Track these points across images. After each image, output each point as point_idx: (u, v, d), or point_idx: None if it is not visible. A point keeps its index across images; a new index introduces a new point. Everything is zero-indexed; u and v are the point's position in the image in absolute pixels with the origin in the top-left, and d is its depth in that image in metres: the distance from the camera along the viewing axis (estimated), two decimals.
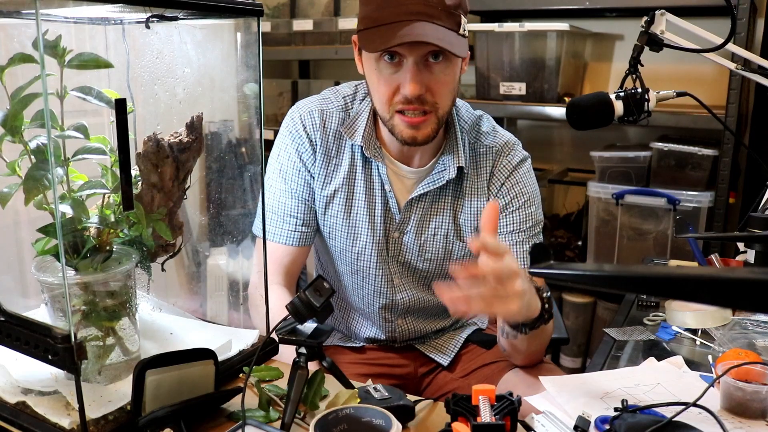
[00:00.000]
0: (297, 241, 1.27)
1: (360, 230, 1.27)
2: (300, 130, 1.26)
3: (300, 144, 1.26)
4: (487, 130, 1.29)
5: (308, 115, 1.26)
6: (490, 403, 0.81)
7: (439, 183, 1.23)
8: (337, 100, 1.28)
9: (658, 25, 1.33)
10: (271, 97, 2.90)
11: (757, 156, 1.64)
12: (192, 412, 0.85)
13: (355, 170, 1.26)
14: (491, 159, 1.26)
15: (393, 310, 1.32)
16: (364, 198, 1.26)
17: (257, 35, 0.99)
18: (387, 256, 1.28)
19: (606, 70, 2.54)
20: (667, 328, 1.28)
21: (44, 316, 0.93)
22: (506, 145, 1.27)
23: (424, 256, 1.27)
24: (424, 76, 1.10)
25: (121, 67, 0.95)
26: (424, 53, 1.08)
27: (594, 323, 2.45)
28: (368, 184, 1.26)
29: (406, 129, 1.14)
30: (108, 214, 0.93)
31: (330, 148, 1.26)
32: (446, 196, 1.26)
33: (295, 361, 0.88)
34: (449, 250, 1.28)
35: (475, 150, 1.26)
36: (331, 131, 1.26)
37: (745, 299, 0.45)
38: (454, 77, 1.15)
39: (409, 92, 1.09)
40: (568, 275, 0.71)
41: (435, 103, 1.12)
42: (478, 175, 1.26)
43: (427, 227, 1.26)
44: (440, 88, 1.12)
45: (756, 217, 1.29)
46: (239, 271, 1.47)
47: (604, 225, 2.28)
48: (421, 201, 1.25)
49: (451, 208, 1.26)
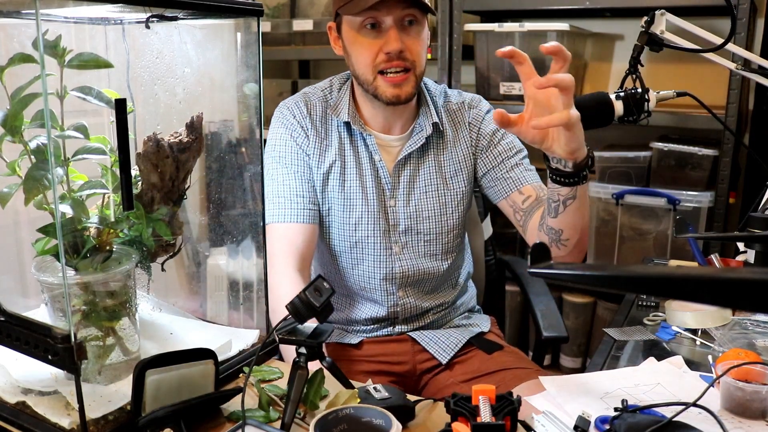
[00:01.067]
0: (308, 218, 1.33)
1: (355, 201, 1.35)
2: (290, 119, 1.36)
3: (293, 130, 1.35)
4: (452, 93, 1.43)
5: (294, 106, 1.37)
6: (490, 403, 0.81)
7: (420, 142, 1.34)
8: (316, 93, 1.40)
9: (658, 25, 1.33)
10: (271, 97, 2.89)
11: (757, 156, 1.64)
12: (192, 412, 0.85)
13: (344, 146, 1.36)
14: (464, 111, 1.41)
15: (393, 281, 1.37)
16: (356, 171, 1.35)
17: (257, 35, 0.99)
18: (387, 226, 1.35)
19: (606, 70, 2.54)
20: (667, 328, 1.28)
21: (44, 316, 0.93)
22: (473, 98, 1.43)
23: (421, 216, 1.36)
24: (402, 36, 1.23)
25: (121, 67, 0.95)
26: (401, 17, 1.23)
27: (594, 323, 2.45)
28: (357, 157, 1.35)
29: (389, 88, 1.25)
30: (108, 214, 0.93)
31: (319, 130, 1.36)
32: (428, 154, 1.37)
33: (295, 361, 0.88)
34: (443, 203, 1.37)
35: (447, 109, 1.41)
36: (317, 116, 1.37)
37: (745, 299, 0.45)
38: (426, 38, 1.29)
39: (392, 48, 1.22)
40: (568, 275, 0.71)
41: (413, 62, 1.25)
42: (455, 128, 1.40)
43: (418, 187, 1.36)
44: (417, 48, 1.26)
45: (756, 217, 1.29)
46: (239, 271, 1.47)
47: (604, 225, 2.28)
48: (407, 163, 1.36)
49: (435, 163, 1.37)
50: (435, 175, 1.37)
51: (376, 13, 1.22)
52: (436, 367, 1.36)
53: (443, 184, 1.38)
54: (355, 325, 1.41)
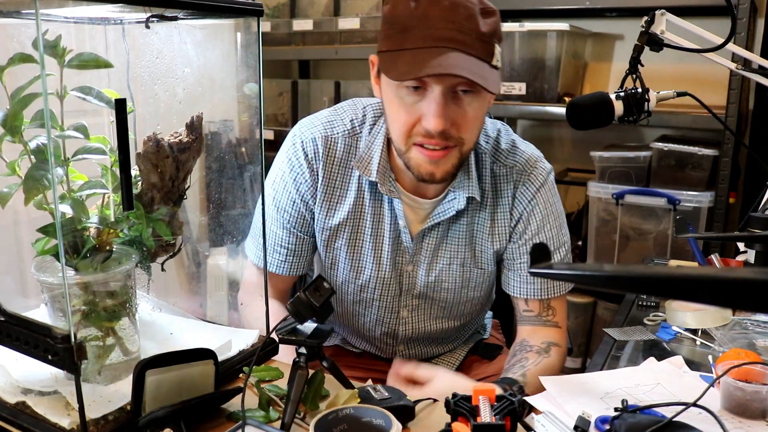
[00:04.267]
0: (286, 270, 1.24)
1: (365, 264, 1.21)
2: (300, 159, 1.18)
3: (299, 174, 1.18)
4: (506, 147, 1.20)
5: (311, 143, 1.17)
6: (490, 403, 0.80)
7: (449, 213, 1.16)
8: (343, 124, 1.18)
9: (658, 25, 1.33)
10: (271, 97, 2.90)
11: (757, 156, 1.64)
12: (192, 412, 0.85)
13: (363, 203, 1.18)
14: (512, 181, 1.18)
15: (395, 338, 1.30)
16: (371, 233, 1.19)
17: (257, 35, 0.99)
18: (399, 290, 1.23)
19: (606, 70, 2.54)
20: (667, 328, 1.28)
21: (44, 316, 0.93)
22: (527, 163, 1.19)
23: (440, 287, 1.22)
24: (450, 110, 1.00)
25: (121, 67, 0.95)
26: (453, 85, 0.99)
27: (594, 323, 2.45)
28: (376, 217, 1.18)
29: (424, 164, 1.05)
30: (108, 214, 0.93)
31: (334, 178, 1.18)
32: (461, 224, 1.19)
33: (295, 361, 0.88)
34: (467, 278, 1.22)
35: (494, 173, 1.18)
36: (336, 160, 1.17)
37: (745, 299, 0.45)
38: (482, 112, 1.06)
39: (432, 127, 0.99)
40: (568, 275, 0.71)
41: (460, 138, 1.04)
42: (499, 198, 1.19)
43: (442, 257, 1.20)
44: (467, 123, 1.03)
45: (756, 217, 1.29)
46: (239, 271, 1.47)
47: (604, 225, 2.28)
48: (434, 231, 1.19)
49: (467, 235, 1.19)
50: (464, 250, 1.20)
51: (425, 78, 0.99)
52: None
53: (471, 257, 1.20)
54: (353, 347, 1.38)
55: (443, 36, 0.96)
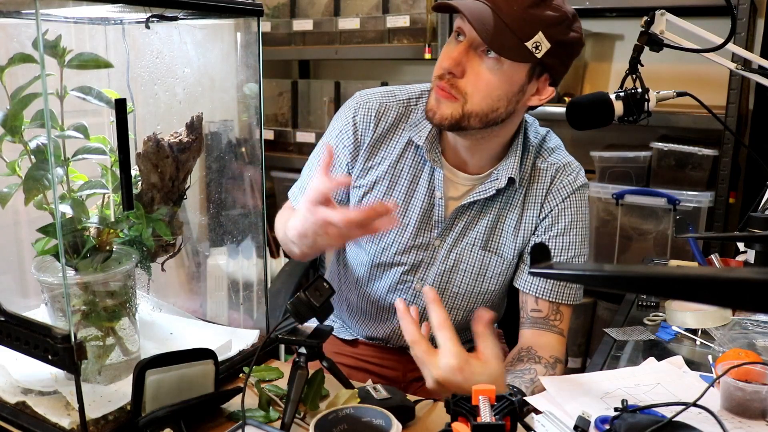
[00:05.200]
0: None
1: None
2: (349, 125, 1.22)
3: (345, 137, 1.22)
4: (552, 146, 1.24)
5: (364, 105, 1.22)
6: (490, 403, 0.80)
7: (490, 192, 1.16)
8: (402, 95, 1.23)
9: (658, 25, 1.33)
10: (271, 97, 2.90)
11: (757, 156, 1.64)
12: (192, 412, 0.85)
13: (403, 165, 1.20)
14: (550, 176, 1.20)
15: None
16: (404, 196, 1.21)
17: (257, 35, 0.99)
18: (419, 262, 1.22)
19: (606, 70, 2.53)
20: (667, 328, 1.28)
21: (44, 316, 0.93)
22: (569, 165, 1.22)
23: (458, 267, 1.22)
24: (466, 59, 1.04)
25: (121, 67, 0.95)
26: (477, 40, 1.02)
27: (594, 323, 2.45)
28: (414, 182, 1.20)
29: (431, 101, 1.08)
30: (108, 214, 0.93)
31: (380, 141, 1.21)
32: (494, 208, 1.20)
33: (295, 361, 0.88)
34: (486, 264, 1.22)
35: (536, 165, 1.20)
36: (385, 124, 1.21)
37: (745, 299, 0.45)
38: (498, 81, 1.04)
39: (440, 61, 1.05)
40: (568, 275, 0.71)
41: (465, 93, 1.05)
42: (534, 189, 1.20)
43: (468, 236, 1.21)
44: (476, 80, 1.04)
45: (756, 217, 1.29)
46: (239, 271, 1.47)
47: (604, 225, 2.28)
48: (470, 209, 1.20)
49: (495, 219, 1.20)
50: (490, 230, 1.20)
51: (460, 23, 1.04)
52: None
53: (494, 243, 1.21)
54: (351, 328, 1.38)
55: None
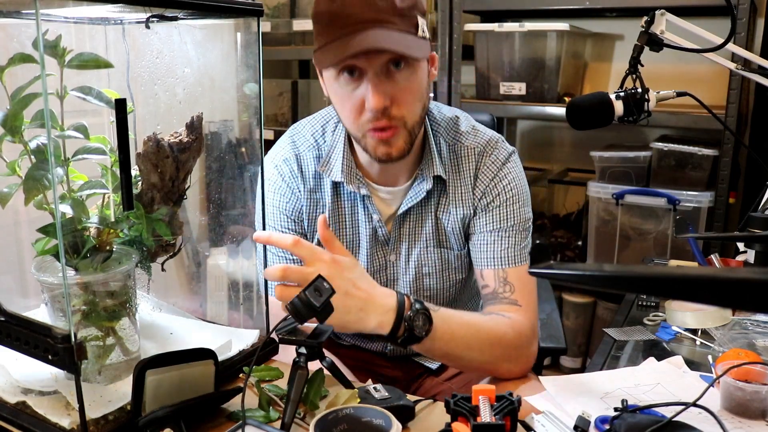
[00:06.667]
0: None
1: None
2: (279, 182, 1.22)
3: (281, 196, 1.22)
4: (466, 129, 1.22)
5: (284, 164, 1.21)
6: (490, 403, 0.81)
7: (420, 196, 1.18)
8: (306, 140, 1.23)
9: (658, 25, 1.33)
10: (271, 97, 2.90)
11: (757, 156, 1.64)
12: (192, 412, 0.85)
13: (340, 204, 1.22)
14: (474, 161, 1.20)
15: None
16: (351, 230, 1.22)
17: (257, 35, 0.99)
18: (385, 282, 1.24)
19: (606, 70, 2.54)
20: (667, 328, 1.28)
21: (44, 316, 0.93)
22: (489, 144, 1.21)
23: (422, 271, 1.24)
24: (386, 87, 1.03)
25: (121, 67, 0.95)
26: (383, 62, 1.02)
27: (594, 323, 2.45)
28: (354, 216, 1.22)
29: (378, 145, 1.07)
30: (108, 214, 0.93)
31: (312, 190, 1.21)
32: (430, 206, 1.21)
33: (295, 361, 0.88)
34: (445, 259, 1.24)
35: (456, 152, 1.20)
36: (309, 174, 1.21)
37: (745, 299, 0.45)
38: (419, 83, 1.07)
39: (373, 105, 1.02)
40: (568, 275, 0.71)
41: (402, 117, 1.06)
42: (461, 178, 1.20)
43: (419, 240, 1.22)
44: (405, 97, 1.05)
45: (756, 217, 1.29)
46: (239, 271, 1.47)
47: (604, 225, 2.28)
48: (407, 217, 1.21)
49: (435, 215, 1.21)
50: (436, 228, 1.22)
51: (353, 61, 1.02)
52: (423, 373, 1.34)
53: (443, 240, 1.23)
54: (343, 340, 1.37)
55: (362, 18, 1.00)
